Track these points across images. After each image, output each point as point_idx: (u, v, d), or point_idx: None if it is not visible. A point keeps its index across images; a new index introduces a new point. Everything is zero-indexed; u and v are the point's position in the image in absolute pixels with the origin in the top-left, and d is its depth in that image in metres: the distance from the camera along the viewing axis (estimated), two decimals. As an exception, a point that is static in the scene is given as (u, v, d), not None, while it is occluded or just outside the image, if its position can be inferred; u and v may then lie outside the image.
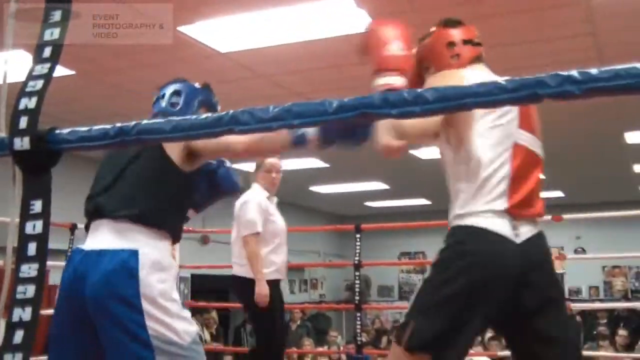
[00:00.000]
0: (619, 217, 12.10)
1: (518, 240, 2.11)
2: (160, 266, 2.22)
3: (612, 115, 7.21)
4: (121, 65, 5.46)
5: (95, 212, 2.34)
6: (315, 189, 11.97)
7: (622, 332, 8.91)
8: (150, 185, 2.35)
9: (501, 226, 2.10)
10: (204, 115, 1.07)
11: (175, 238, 2.39)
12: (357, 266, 5.49)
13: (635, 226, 12.56)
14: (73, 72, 5.57)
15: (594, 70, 0.85)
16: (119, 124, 1.12)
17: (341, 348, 9.25)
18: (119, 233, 2.25)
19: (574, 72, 0.85)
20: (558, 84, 0.85)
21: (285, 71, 5.73)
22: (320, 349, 9.12)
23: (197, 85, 2.70)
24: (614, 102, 6.64)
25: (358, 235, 5.56)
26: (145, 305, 2.13)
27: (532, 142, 2.24)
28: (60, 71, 5.47)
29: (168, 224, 2.34)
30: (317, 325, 11.45)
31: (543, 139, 2.30)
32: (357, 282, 5.58)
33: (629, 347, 8.53)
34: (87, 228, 2.39)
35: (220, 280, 11.62)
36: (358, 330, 5.47)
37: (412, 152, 8.89)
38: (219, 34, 4.96)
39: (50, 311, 5.70)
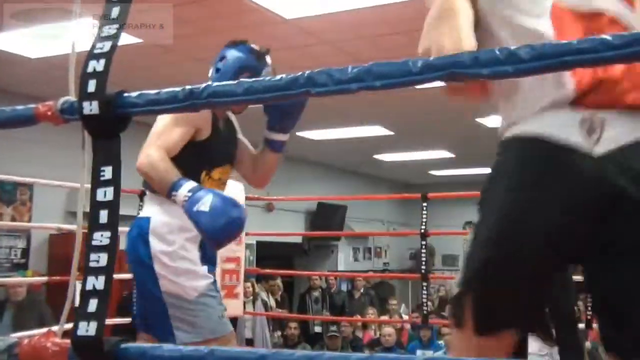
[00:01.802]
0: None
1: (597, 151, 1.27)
2: (169, 228, 2.49)
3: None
4: (185, 32, 5.45)
5: None
6: (379, 157, 11.88)
7: None
8: None
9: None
10: (278, 77, 1.01)
11: None
12: (424, 235, 5.40)
13: None
14: (140, 40, 5.60)
15: None
16: (189, 87, 1.08)
17: (404, 317, 9.22)
18: (145, 203, 2.70)
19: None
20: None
21: (351, 37, 5.63)
22: (383, 318, 9.11)
23: (243, 49, 2.67)
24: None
25: (425, 204, 5.47)
26: (156, 266, 2.44)
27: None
28: (126, 39, 5.50)
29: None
30: (381, 294, 11.43)
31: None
32: (423, 251, 5.50)
33: None
34: None
35: (285, 247, 11.76)
36: (424, 300, 5.40)
37: (478, 119, 8.69)
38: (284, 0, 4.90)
39: (122, 275, 5.84)
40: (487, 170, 1.48)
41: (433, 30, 1.40)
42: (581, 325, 4.52)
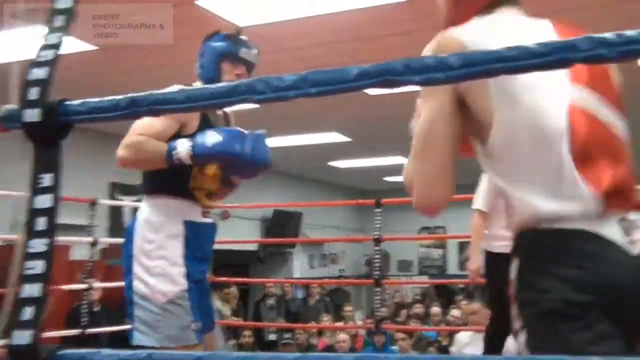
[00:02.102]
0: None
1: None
2: (150, 226, 2.48)
3: None
4: (139, 41, 5.42)
5: None
6: (335, 163, 11.94)
7: None
8: None
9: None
10: (220, 85, 1.03)
11: (172, 195, 2.54)
12: (377, 241, 5.46)
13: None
14: (95, 47, 5.55)
15: (630, 32, 0.79)
16: (131, 95, 1.08)
17: (359, 323, 9.26)
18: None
19: (609, 34, 0.80)
20: (591, 47, 0.80)
21: (307, 45, 5.66)
22: (338, 324, 9.14)
23: (216, 39, 2.77)
24: None
25: (378, 210, 5.52)
26: (135, 263, 2.46)
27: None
28: (81, 46, 5.45)
29: (154, 186, 2.57)
30: (336, 301, 11.48)
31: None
32: (377, 257, 5.55)
33: None
34: None
35: (241, 255, 11.72)
36: (377, 306, 5.45)
37: (432, 126, 8.79)
38: (239, 7, 4.90)
39: (73, 286, 5.75)
40: None
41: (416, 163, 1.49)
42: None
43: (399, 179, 11.85)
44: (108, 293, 6.91)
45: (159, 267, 2.44)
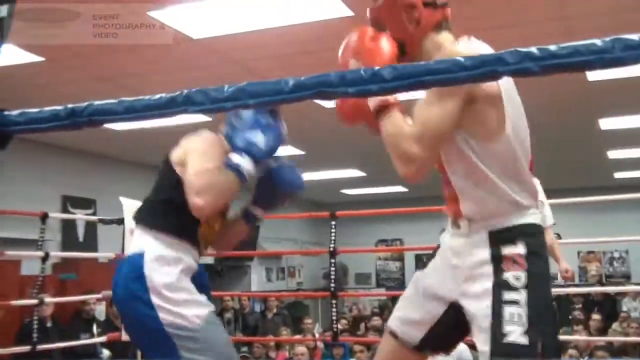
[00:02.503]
0: (594, 203, 12.22)
1: None
2: (165, 261, 2.41)
3: (587, 102, 7.25)
4: (90, 51, 5.37)
5: None
6: (291, 176, 11.93)
7: (595, 316, 9.00)
8: (155, 190, 2.55)
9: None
10: (157, 96, 1.04)
11: (185, 237, 2.49)
12: (333, 253, 5.46)
13: (610, 212, 12.69)
14: (42, 59, 5.48)
15: (552, 47, 0.83)
16: (70, 105, 1.08)
17: (317, 336, 9.25)
18: (136, 238, 2.52)
19: (533, 49, 0.83)
20: (517, 60, 0.83)
21: (258, 57, 5.68)
22: (296, 337, 9.12)
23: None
24: (588, 88, 6.68)
25: (333, 223, 5.53)
26: (154, 299, 2.34)
27: None
28: (28, 57, 5.38)
29: (166, 224, 2.47)
30: (294, 314, 11.45)
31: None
32: (333, 269, 5.56)
33: (602, 331, 8.62)
34: None
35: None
36: (334, 318, 5.45)
37: (388, 139, 8.85)
38: (191, 19, 4.90)
39: (23, 302, 5.63)
40: (398, 189, 1.69)
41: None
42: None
43: (356, 191, 12.03)
44: (60, 308, 6.79)
45: (182, 297, 2.39)
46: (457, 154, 1.85)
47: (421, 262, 2.27)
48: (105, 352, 6.93)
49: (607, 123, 8.21)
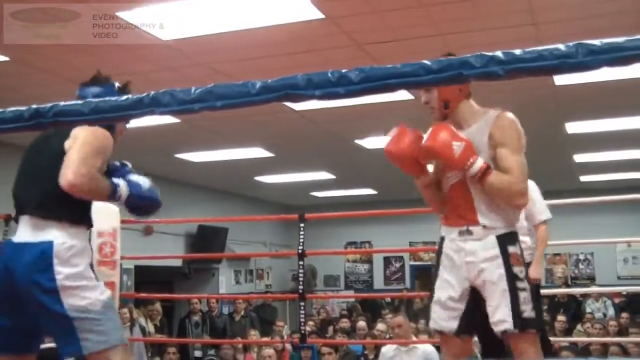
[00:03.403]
0: (560, 206, 12.37)
1: None
2: (73, 252, 2.58)
3: (554, 105, 7.34)
4: (57, 52, 5.30)
5: (18, 208, 2.73)
6: (260, 179, 11.91)
7: (561, 317, 9.11)
8: (50, 179, 2.61)
9: None
10: (124, 97, 1.03)
11: (85, 224, 2.73)
12: (301, 255, 5.46)
13: (576, 215, 12.85)
14: (7, 59, 5.40)
15: (518, 51, 0.83)
16: (34, 105, 1.07)
17: (285, 338, 9.23)
18: (37, 227, 2.61)
19: (499, 53, 0.84)
20: (483, 64, 0.84)
21: (226, 59, 5.65)
22: (264, 339, 9.09)
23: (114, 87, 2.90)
24: (556, 92, 6.77)
25: (302, 225, 5.53)
26: (60, 288, 2.50)
27: None
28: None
29: (71, 214, 2.65)
30: (263, 316, 11.41)
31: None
32: (301, 271, 5.56)
33: (567, 332, 8.73)
34: (16, 220, 2.76)
35: (164, 271, 11.55)
36: (302, 320, 5.45)
37: (357, 141, 8.90)
38: (159, 21, 4.85)
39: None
40: (367, 192, 1.73)
41: None
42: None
43: (325, 194, 12.06)
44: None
45: (88, 284, 2.58)
46: None
47: (390, 264, 2.90)
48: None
49: (573, 127, 8.32)
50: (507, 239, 2.75)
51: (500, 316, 2.67)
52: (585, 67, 0.80)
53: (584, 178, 12.17)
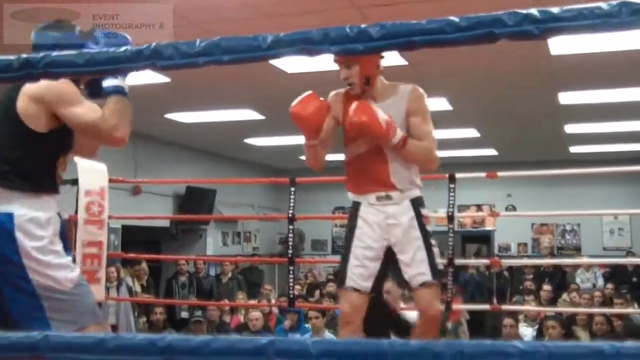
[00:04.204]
0: (549, 176, 12.40)
1: None
2: (36, 224, 2.45)
3: (547, 75, 7.27)
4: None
5: None
6: (250, 141, 11.80)
7: (546, 287, 9.16)
8: (3, 147, 2.50)
9: None
10: (122, 48, 0.95)
11: (49, 192, 2.57)
12: (291, 219, 5.41)
13: (564, 185, 12.89)
14: None
15: (555, 9, 0.77)
16: (25, 55, 0.99)
17: (273, 301, 9.25)
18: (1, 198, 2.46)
19: (534, 11, 0.77)
20: (517, 22, 0.77)
21: (216, 19, 5.52)
22: (252, 302, 9.10)
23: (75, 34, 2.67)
24: (551, 62, 6.69)
25: (292, 189, 5.47)
26: (26, 261, 2.39)
27: None
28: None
29: (31, 182, 2.50)
30: (249, 279, 11.41)
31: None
32: (291, 235, 5.51)
33: (552, 301, 8.78)
34: None
35: (151, 232, 11.49)
36: (291, 284, 5.43)
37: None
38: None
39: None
40: None
41: None
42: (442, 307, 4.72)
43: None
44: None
45: (54, 260, 2.47)
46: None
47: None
48: None
49: (567, 97, 8.26)
50: (418, 202, 3.14)
51: (420, 269, 3.04)
52: (629, 26, 0.74)
53: (573, 149, 12.16)
